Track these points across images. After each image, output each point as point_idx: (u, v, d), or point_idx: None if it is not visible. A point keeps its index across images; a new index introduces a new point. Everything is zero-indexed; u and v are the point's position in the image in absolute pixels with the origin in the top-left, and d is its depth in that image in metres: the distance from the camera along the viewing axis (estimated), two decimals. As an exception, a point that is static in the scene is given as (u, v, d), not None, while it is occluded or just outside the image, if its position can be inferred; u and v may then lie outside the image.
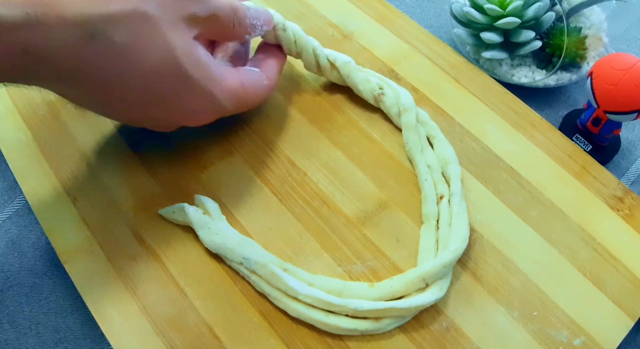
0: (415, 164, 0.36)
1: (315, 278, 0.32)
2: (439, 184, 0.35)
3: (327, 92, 0.40)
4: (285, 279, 0.31)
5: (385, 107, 0.38)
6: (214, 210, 0.34)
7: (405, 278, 0.31)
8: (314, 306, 0.31)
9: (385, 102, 0.38)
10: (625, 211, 0.35)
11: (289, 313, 0.31)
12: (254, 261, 0.31)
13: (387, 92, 0.38)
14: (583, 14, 0.43)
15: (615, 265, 0.33)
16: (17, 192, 0.39)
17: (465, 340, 0.31)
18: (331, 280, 0.32)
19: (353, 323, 0.30)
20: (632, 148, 0.41)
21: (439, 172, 0.36)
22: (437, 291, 0.31)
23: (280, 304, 0.31)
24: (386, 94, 0.38)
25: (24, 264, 0.36)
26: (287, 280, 0.31)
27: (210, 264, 0.33)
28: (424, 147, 0.37)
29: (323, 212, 0.35)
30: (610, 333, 0.31)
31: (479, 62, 0.44)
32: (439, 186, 0.35)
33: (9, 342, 0.33)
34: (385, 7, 0.45)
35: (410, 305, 0.30)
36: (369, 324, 0.30)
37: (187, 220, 0.33)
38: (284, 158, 0.37)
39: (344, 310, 0.30)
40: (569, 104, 0.43)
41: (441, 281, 0.31)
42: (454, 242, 0.32)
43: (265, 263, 0.31)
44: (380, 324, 0.30)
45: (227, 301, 0.32)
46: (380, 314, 0.30)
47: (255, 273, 0.32)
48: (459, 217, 0.33)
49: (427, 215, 0.34)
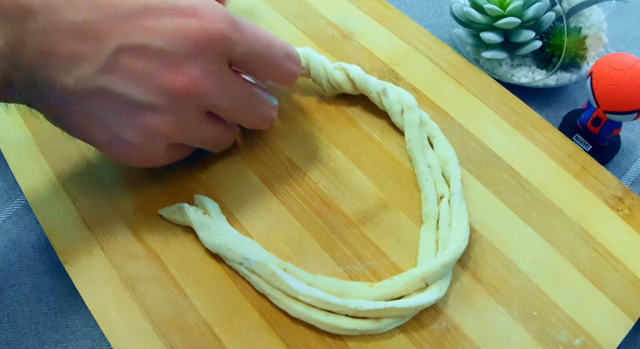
0: (416, 164, 0.36)
1: (315, 278, 0.32)
2: (439, 184, 0.35)
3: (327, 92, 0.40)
4: (285, 279, 0.31)
5: (389, 102, 0.38)
6: (213, 210, 0.34)
7: (405, 278, 0.31)
8: (313, 306, 0.31)
9: (389, 98, 0.38)
10: (625, 211, 0.35)
11: (289, 312, 0.31)
12: (254, 261, 0.31)
13: (390, 90, 0.38)
14: (583, 14, 0.43)
15: (615, 265, 0.33)
16: (17, 192, 0.39)
17: (465, 340, 0.31)
18: (331, 280, 0.32)
19: (353, 323, 0.30)
20: (632, 148, 0.41)
21: (439, 173, 0.36)
22: (437, 291, 0.31)
23: (281, 304, 0.31)
24: (389, 91, 0.38)
25: (24, 264, 0.36)
26: (287, 280, 0.31)
27: (210, 264, 0.33)
28: (425, 147, 0.37)
29: (323, 212, 0.35)
30: (610, 333, 0.31)
31: (479, 62, 0.44)
32: (439, 185, 0.35)
33: (9, 342, 0.33)
34: (385, 7, 0.45)
35: (410, 305, 0.30)
36: (369, 324, 0.30)
37: (187, 220, 0.33)
38: (284, 158, 0.37)
39: (343, 310, 0.30)
40: (569, 104, 0.43)
41: (441, 281, 0.31)
42: (454, 242, 0.32)
43: (265, 263, 0.31)
44: (380, 324, 0.30)
45: (227, 301, 0.32)
46: (380, 314, 0.30)
47: (255, 272, 0.32)
48: (459, 217, 0.33)
49: (427, 215, 0.34)
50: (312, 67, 0.38)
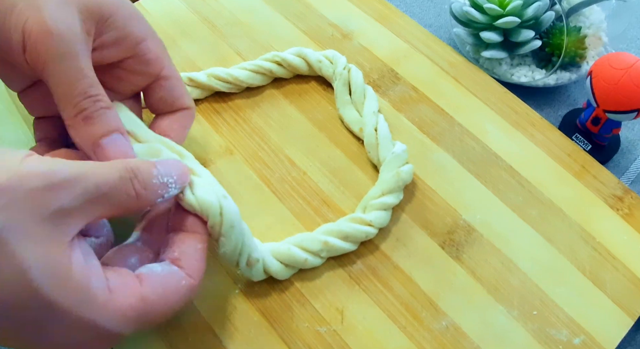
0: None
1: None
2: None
3: (327, 92, 0.40)
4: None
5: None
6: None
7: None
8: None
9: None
10: (625, 210, 0.35)
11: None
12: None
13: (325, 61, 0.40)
14: (583, 14, 0.43)
15: (615, 264, 0.33)
16: (17, 191, 0.39)
17: (465, 339, 0.31)
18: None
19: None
20: (631, 147, 0.41)
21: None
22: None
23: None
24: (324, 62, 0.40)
25: (24, 264, 0.36)
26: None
27: (211, 264, 0.33)
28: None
29: (323, 211, 0.35)
30: (609, 332, 0.31)
31: (478, 62, 0.44)
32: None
33: (9, 341, 0.33)
34: (385, 7, 0.45)
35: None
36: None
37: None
38: (283, 157, 0.37)
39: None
40: (569, 104, 0.43)
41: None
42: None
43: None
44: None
45: (227, 301, 0.32)
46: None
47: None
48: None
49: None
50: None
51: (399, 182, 0.34)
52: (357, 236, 0.32)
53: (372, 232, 0.33)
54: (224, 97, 0.40)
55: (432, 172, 0.37)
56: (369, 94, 0.38)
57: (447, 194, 0.36)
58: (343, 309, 0.32)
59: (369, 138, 0.36)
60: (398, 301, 0.32)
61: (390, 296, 0.32)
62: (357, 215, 0.33)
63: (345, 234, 0.32)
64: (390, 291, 0.32)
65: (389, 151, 0.35)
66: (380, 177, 0.34)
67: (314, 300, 0.32)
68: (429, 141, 0.38)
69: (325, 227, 0.33)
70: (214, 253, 0.33)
